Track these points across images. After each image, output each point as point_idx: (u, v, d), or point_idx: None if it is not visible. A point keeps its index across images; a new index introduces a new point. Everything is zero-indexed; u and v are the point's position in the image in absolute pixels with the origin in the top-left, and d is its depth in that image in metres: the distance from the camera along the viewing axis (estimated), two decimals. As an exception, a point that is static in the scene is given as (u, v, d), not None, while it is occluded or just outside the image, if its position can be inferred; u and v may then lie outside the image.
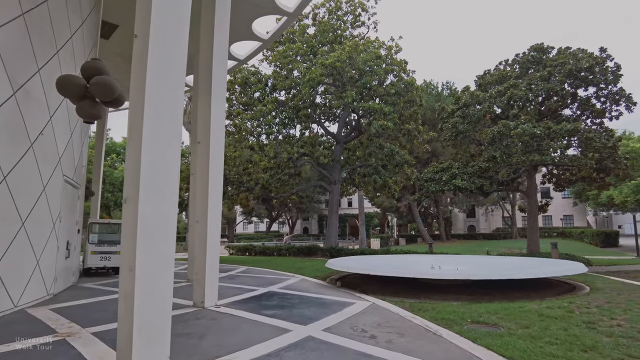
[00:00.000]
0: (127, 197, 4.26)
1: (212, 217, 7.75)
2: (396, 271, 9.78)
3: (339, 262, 12.42)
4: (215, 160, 7.93)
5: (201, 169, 7.95)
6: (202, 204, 7.73)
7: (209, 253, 7.63)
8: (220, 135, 8.10)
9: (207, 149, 7.86)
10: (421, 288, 10.19)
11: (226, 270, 15.04)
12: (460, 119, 17.59)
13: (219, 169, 8.02)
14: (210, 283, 7.61)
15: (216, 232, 7.90)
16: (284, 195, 25.07)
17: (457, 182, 16.67)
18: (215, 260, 7.85)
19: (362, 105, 19.50)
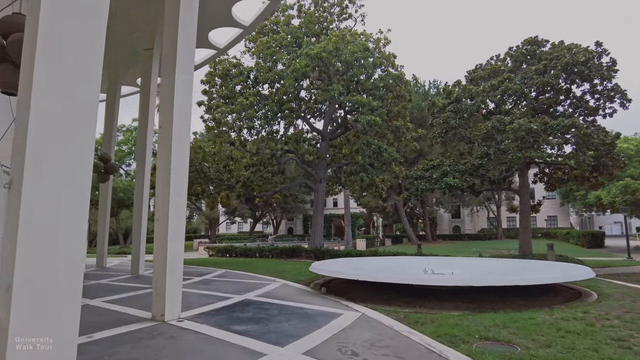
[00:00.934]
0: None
1: (175, 214, 6.59)
2: (388, 276, 8.77)
3: (324, 265, 11.35)
4: (179, 148, 6.81)
5: (162, 158, 6.81)
6: (163, 200, 6.56)
7: (170, 256, 6.47)
8: (185, 119, 6.98)
9: (168, 135, 6.74)
10: (415, 294, 9.19)
11: (201, 274, 13.82)
12: (452, 114, 16.75)
13: (183, 159, 6.91)
14: (172, 292, 6.45)
15: (179, 232, 6.74)
16: (267, 194, 23.91)
17: (449, 180, 15.81)
18: (178, 265, 6.69)
19: (349, 99, 18.50)
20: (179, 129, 6.73)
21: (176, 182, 6.60)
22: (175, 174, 6.58)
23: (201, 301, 8.37)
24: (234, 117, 20.26)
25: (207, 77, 22.99)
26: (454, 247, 37.21)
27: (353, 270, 10.71)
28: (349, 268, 11.13)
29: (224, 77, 22.73)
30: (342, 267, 11.23)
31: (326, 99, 18.94)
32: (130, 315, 6.83)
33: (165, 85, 6.82)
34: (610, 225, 75.74)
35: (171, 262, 6.45)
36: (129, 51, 17.45)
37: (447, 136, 19.55)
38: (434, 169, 17.16)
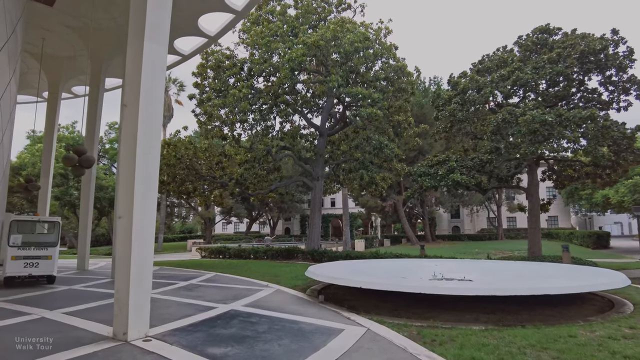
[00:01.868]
0: None
1: (142, 210, 5.44)
2: (397, 284, 7.63)
3: (322, 269, 10.22)
4: (147, 130, 5.67)
5: (127, 142, 5.70)
6: (127, 193, 5.42)
7: (135, 262, 5.32)
8: (155, 97, 5.87)
9: (135, 115, 5.59)
10: (424, 301, 8.07)
11: (188, 278, 12.68)
12: (458, 106, 15.66)
13: (151, 144, 5.76)
14: (137, 306, 5.30)
15: (147, 232, 5.61)
16: (262, 192, 22.74)
17: (456, 177, 14.71)
18: (146, 272, 5.55)
19: (349, 90, 17.36)
20: (147, 109, 5.58)
21: (143, 171, 5.46)
22: (142, 161, 5.44)
23: (180, 312, 7.23)
24: (227, 111, 19.06)
25: (199, 69, 21.79)
26: (454, 247, 36.10)
27: (354, 275, 9.59)
28: (349, 273, 10.01)
29: (216, 69, 21.54)
30: (342, 272, 10.10)
31: (324, 91, 17.80)
32: (89, 333, 5.67)
33: (132, 56, 5.69)
34: (610, 225, 74.98)
35: (137, 269, 5.31)
36: (113, 40, 16.36)
37: (451, 131, 18.44)
38: (440, 165, 16.05)
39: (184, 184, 22.37)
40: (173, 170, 20.54)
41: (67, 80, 19.95)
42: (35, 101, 21.21)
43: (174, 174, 21.39)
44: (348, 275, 9.12)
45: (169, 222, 57.31)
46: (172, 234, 69.54)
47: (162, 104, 5.93)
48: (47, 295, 9.31)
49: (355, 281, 7.76)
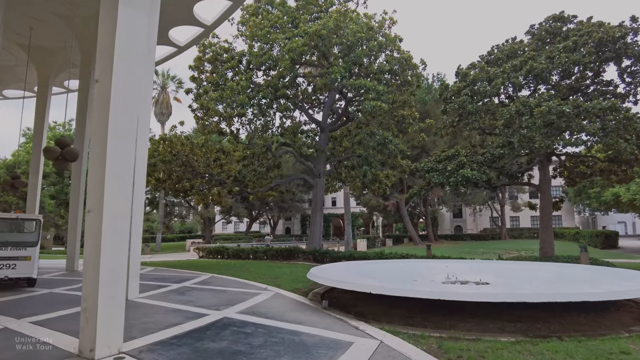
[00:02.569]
0: None
1: (115, 203, 4.61)
2: (412, 289, 6.76)
3: (325, 271, 9.37)
4: (121, 110, 4.84)
5: (98, 122, 4.81)
6: (97, 183, 4.57)
7: (105, 264, 4.48)
8: (132, 71, 5.03)
9: (106, 92, 4.75)
10: (441, 307, 7.22)
11: (181, 280, 11.84)
12: (468, 98, 14.80)
13: (127, 126, 4.97)
14: (107, 316, 4.47)
15: (121, 229, 4.77)
16: (261, 190, 21.90)
17: (466, 172, 13.85)
18: (119, 276, 4.71)
19: (352, 82, 16.52)
20: (122, 85, 4.74)
21: (117, 157, 4.62)
22: (116, 145, 4.60)
23: (165, 321, 6.39)
24: (224, 105, 18.19)
25: (196, 63, 20.96)
26: (458, 247, 35.20)
27: (360, 277, 8.75)
28: (355, 275, 9.16)
29: (214, 62, 20.73)
30: (346, 274, 9.26)
31: (326, 84, 16.93)
32: (51, 349, 4.83)
33: (104, 23, 4.86)
34: (614, 225, 74.13)
35: (107, 273, 4.47)
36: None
37: (459, 125, 17.59)
38: (448, 160, 15.19)
39: (181, 181, 21.56)
40: (169, 166, 19.71)
41: (57, 73, 19.09)
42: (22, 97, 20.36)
43: (170, 171, 20.59)
44: (353, 278, 8.28)
45: (167, 221, 56.45)
46: (172, 233, 68.78)
47: (141, 81, 5.10)
48: (21, 300, 8.48)
49: (364, 285, 6.90)
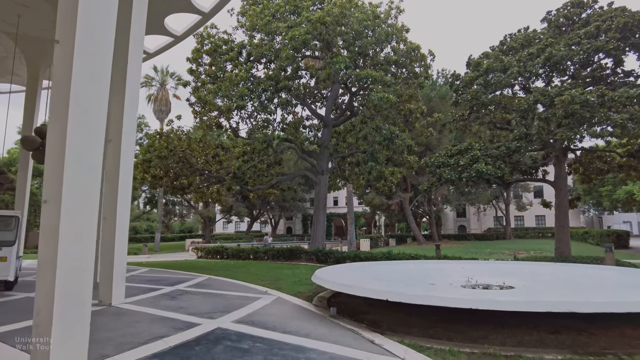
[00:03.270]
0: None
1: (75, 193, 3.73)
2: (440, 296, 5.82)
3: (331, 274, 8.48)
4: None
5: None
6: (55, 169, 3.68)
7: (63, 266, 3.59)
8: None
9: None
10: (464, 316, 6.31)
11: (175, 282, 10.96)
12: (481, 88, 13.90)
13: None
14: (65, 333, 3.57)
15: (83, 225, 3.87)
16: (262, 187, 21.02)
17: (481, 167, 12.95)
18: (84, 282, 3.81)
19: (358, 73, 15.62)
20: (87, 47, 3.85)
21: (80, 134, 3.73)
22: (78, 121, 3.71)
23: (149, 332, 5.51)
24: (222, 96, 17.24)
25: (194, 55, 20.07)
26: (464, 247, 34.27)
27: (370, 281, 7.86)
28: (364, 278, 8.27)
29: (212, 54, 19.84)
30: (354, 277, 8.37)
31: (329, 75, 16.01)
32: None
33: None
34: (620, 224, 73.19)
35: (66, 279, 3.58)
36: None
37: (469, 119, 16.70)
38: (461, 154, 14.27)
39: (179, 178, 20.68)
40: (165, 162, 18.83)
41: (49, 65, 18.25)
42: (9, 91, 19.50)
43: (166, 167, 19.71)
44: (364, 282, 7.39)
45: (167, 220, 55.58)
46: (171, 233, 67.95)
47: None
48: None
49: (379, 292, 6.00)
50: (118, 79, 7.66)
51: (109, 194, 7.58)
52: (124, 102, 7.55)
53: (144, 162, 18.86)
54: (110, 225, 7.45)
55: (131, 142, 7.80)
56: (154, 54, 18.50)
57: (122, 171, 7.50)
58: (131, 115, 7.77)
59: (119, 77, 7.65)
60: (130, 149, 7.77)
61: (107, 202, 7.58)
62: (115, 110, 7.63)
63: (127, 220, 7.72)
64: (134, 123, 7.93)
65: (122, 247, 7.58)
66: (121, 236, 7.54)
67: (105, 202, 7.61)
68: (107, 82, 4.11)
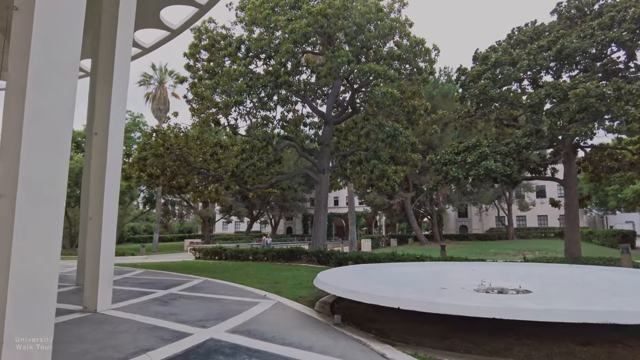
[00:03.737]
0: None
1: (33, 187, 3.15)
2: (460, 305, 5.16)
3: (334, 277, 7.91)
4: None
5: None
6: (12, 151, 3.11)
7: (17, 274, 3.02)
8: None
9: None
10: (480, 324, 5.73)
11: (169, 285, 10.39)
12: (489, 82, 13.33)
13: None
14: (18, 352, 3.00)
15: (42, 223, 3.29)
16: (261, 187, 20.46)
17: (490, 164, 12.37)
18: (46, 289, 3.24)
19: (360, 67, 15.07)
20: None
21: (39, 119, 3.16)
22: (38, 98, 3.14)
23: (133, 344, 4.93)
24: (220, 91, 16.67)
25: (191, 50, 19.51)
26: (467, 248, 33.72)
27: (377, 285, 7.29)
28: (370, 282, 7.71)
29: (210, 50, 19.29)
30: (359, 281, 7.80)
31: (331, 69, 15.43)
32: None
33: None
34: (622, 224, 72.65)
35: (19, 285, 3.00)
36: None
37: (475, 115, 16.14)
38: (469, 151, 13.70)
39: (176, 177, 20.12)
40: (161, 160, 18.26)
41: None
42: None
43: (163, 165, 19.15)
44: (370, 287, 6.82)
45: (165, 221, 54.97)
46: (170, 233, 67.41)
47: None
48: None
49: (388, 298, 5.40)
50: (105, 67, 7.12)
51: (95, 192, 7.01)
52: (111, 92, 6.98)
53: (139, 160, 18.29)
54: (96, 225, 6.88)
55: (119, 135, 7.22)
56: (150, 49, 17.90)
57: (109, 167, 6.93)
58: (119, 107, 7.19)
59: (106, 65, 7.11)
60: (118, 143, 7.19)
61: (93, 201, 7.02)
62: (102, 101, 7.08)
63: (114, 220, 7.15)
64: (122, 115, 7.37)
65: (109, 248, 7.02)
66: (108, 237, 6.98)
67: (91, 201, 7.05)
68: (75, 57, 3.54)
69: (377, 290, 6.30)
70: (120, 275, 12.76)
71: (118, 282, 11.21)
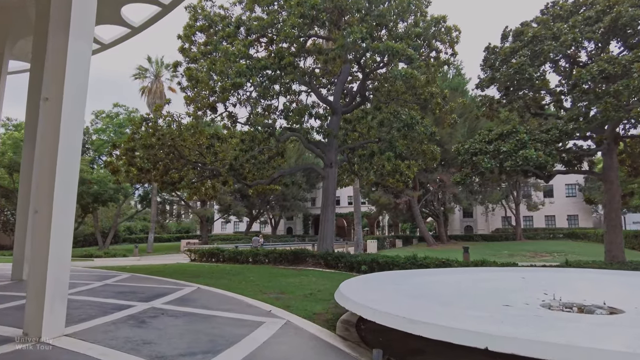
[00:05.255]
0: None
1: None
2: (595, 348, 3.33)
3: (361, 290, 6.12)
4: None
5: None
6: None
7: None
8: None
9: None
10: None
11: (153, 296, 8.54)
12: (527, 60, 11.52)
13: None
14: None
15: None
16: (262, 182, 18.64)
17: (530, 153, 10.58)
18: None
19: (375, 45, 13.27)
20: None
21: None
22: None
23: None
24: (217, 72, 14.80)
25: (186, 31, 17.68)
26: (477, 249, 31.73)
27: (420, 303, 5.50)
28: (409, 299, 5.90)
29: (207, 31, 17.47)
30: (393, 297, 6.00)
31: (343, 47, 13.58)
32: None
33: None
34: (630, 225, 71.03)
35: None
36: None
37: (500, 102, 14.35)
38: (502, 138, 11.89)
39: (169, 172, 18.27)
40: (152, 151, 16.42)
41: (15, 40, 15.74)
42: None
43: (154, 159, 17.31)
44: (410, 304, 5.04)
45: (162, 220, 53.12)
46: (167, 233, 65.57)
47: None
48: None
49: (471, 335, 3.56)
50: (60, 12, 5.32)
51: (43, 177, 5.19)
52: (67, 46, 5.17)
53: (127, 152, 16.46)
54: (43, 221, 5.06)
55: (80, 103, 5.41)
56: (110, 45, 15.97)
57: (63, 144, 5.11)
58: (80, 66, 5.38)
59: (61, 10, 5.30)
60: (78, 112, 5.39)
61: (41, 190, 5.20)
62: (54, 57, 5.27)
63: (71, 214, 5.36)
64: (84, 77, 5.53)
65: (61, 251, 5.19)
66: (60, 236, 5.16)
67: (39, 187, 5.23)
68: None
69: (423, 310, 4.49)
70: (100, 282, 10.94)
71: (93, 291, 9.40)
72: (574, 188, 62.66)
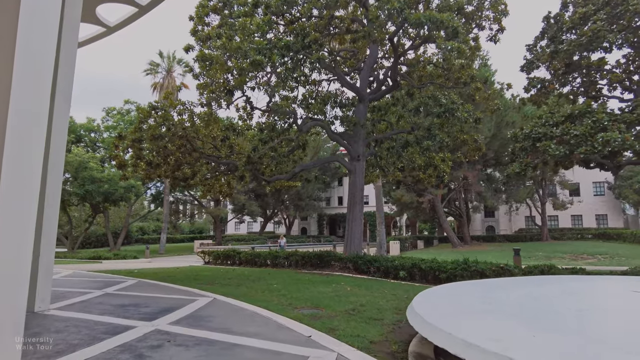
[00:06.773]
0: None
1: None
2: None
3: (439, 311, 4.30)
4: None
5: None
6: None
7: None
8: None
9: None
10: None
11: (160, 311, 6.83)
12: (605, 24, 9.52)
13: None
14: None
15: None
16: (282, 177, 16.90)
17: (614, 136, 8.65)
18: None
19: (416, 16, 11.44)
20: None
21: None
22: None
23: None
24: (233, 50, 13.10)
25: (197, 12, 16.09)
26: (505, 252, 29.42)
27: (531, 329, 3.66)
28: (523, 327, 4.07)
29: (221, 11, 15.84)
30: (495, 321, 4.18)
31: (378, 17, 11.80)
32: None
33: None
34: (641, 225, 67.61)
35: None
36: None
37: (557, 81, 12.37)
38: (572, 120, 9.93)
39: (180, 167, 16.69)
40: (161, 143, 14.82)
41: None
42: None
43: (165, 152, 15.73)
44: (523, 337, 3.23)
45: (174, 220, 51.88)
46: (180, 234, 64.52)
47: None
48: None
49: None
50: None
51: None
52: None
53: (133, 143, 14.90)
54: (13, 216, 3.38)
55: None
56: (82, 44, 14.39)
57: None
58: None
59: None
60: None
61: None
62: None
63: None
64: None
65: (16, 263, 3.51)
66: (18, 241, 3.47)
67: None
68: None
69: None
70: (100, 291, 9.33)
71: (88, 304, 7.77)
72: (602, 186, 59.76)
